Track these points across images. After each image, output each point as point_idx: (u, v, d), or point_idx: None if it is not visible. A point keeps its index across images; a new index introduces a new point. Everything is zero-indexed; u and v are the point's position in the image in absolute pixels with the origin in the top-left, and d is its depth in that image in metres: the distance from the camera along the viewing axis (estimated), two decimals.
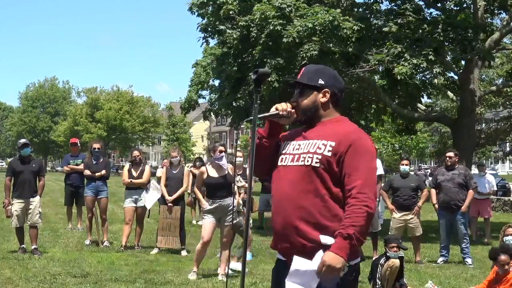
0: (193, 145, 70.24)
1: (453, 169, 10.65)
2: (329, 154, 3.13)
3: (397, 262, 7.69)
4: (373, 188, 3.11)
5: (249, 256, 8.87)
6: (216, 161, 8.51)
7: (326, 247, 3.05)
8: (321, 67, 3.39)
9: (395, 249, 7.75)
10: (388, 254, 7.78)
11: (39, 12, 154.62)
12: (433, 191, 10.78)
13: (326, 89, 3.28)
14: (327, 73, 3.35)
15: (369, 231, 11.14)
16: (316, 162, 3.13)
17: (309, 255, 3.08)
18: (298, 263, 3.08)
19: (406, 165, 10.80)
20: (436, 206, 10.70)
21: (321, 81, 3.27)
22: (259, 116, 3.19)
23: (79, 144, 14.38)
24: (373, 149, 3.21)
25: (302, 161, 3.18)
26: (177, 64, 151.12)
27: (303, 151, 3.21)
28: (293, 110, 3.26)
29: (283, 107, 3.24)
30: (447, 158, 10.77)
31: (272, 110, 3.24)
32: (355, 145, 3.13)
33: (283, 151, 3.30)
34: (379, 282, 7.68)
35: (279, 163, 3.30)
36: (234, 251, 9.21)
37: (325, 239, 3.07)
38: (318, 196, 3.12)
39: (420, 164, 59.56)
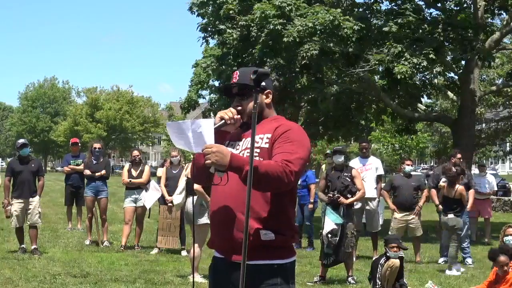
0: None
1: None
2: (267, 146, 3.21)
3: (397, 262, 7.69)
4: (297, 170, 3.06)
5: None
6: None
7: (266, 243, 3.10)
8: (256, 69, 3.35)
9: (395, 249, 7.75)
10: (388, 254, 7.78)
11: (39, 12, 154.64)
12: (434, 191, 10.58)
13: (269, 90, 3.37)
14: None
15: (369, 231, 11.16)
16: (255, 156, 3.13)
17: (250, 250, 3.03)
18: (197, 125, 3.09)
19: (409, 165, 10.75)
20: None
21: (263, 83, 3.24)
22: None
23: (79, 144, 14.37)
24: (305, 142, 3.22)
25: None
26: (178, 63, 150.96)
27: (242, 148, 3.27)
28: (238, 116, 3.29)
29: (229, 115, 3.26)
30: (459, 159, 10.63)
31: (218, 120, 3.26)
32: (287, 133, 3.20)
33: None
34: (379, 282, 7.68)
35: None
36: None
37: (265, 236, 3.12)
38: None
39: (432, 164, 58.73)
